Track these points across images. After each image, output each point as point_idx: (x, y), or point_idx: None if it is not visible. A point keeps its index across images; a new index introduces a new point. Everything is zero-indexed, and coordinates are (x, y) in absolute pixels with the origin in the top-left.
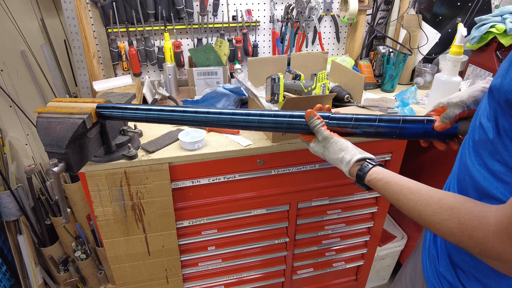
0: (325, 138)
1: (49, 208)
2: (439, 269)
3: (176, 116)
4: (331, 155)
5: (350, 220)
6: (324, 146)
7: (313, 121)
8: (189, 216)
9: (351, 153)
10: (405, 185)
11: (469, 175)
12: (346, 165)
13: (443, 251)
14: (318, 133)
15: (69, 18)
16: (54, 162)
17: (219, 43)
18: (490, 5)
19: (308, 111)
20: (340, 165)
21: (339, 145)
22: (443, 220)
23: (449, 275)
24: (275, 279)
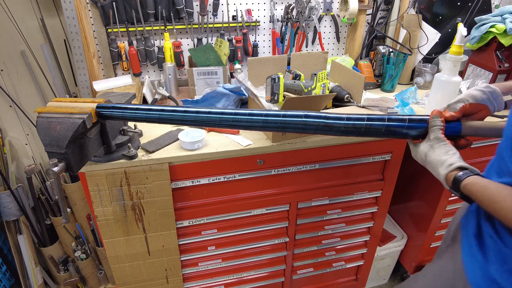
0: (437, 138)
1: (49, 208)
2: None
3: (177, 116)
4: (435, 155)
5: (350, 220)
6: (431, 146)
7: (435, 121)
8: (189, 216)
9: (456, 159)
10: (503, 187)
11: None
12: (447, 167)
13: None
14: (433, 133)
15: (69, 18)
16: (54, 162)
17: (219, 43)
18: (490, 5)
19: (436, 111)
20: (440, 167)
21: (448, 149)
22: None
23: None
24: (275, 279)
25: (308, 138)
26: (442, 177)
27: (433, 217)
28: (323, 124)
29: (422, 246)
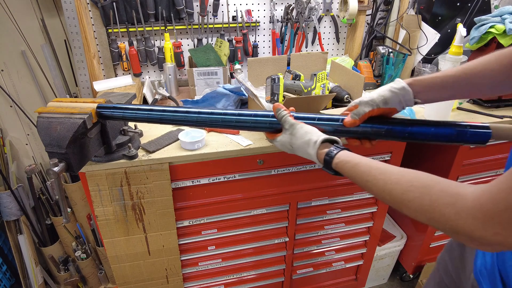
0: (292, 125)
1: (50, 208)
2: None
3: (178, 116)
4: (298, 140)
5: (349, 219)
6: (291, 133)
7: (281, 112)
8: (189, 216)
9: (317, 134)
10: (374, 166)
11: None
12: (313, 146)
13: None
14: (286, 122)
15: (70, 18)
16: (54, 162)
17: (219, 43)
18: (489, 5)
19: (276, 104)
20: (308, 148)
21: (305, 129)
22: (414, 197)
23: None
24: (274, 279)
25: None
26: (314, 157)
27: None
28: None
29: (422, 246)
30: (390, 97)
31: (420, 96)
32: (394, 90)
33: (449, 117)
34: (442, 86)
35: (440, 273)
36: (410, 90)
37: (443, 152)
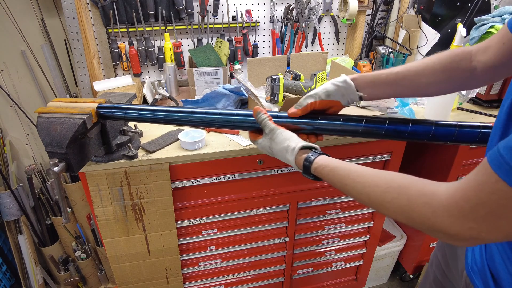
0: (271, 130)
1: (50, 208)
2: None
3: (182, 116)
4: (277, 145)
5: (349, 219)
6: (271, 138)
7: (260, 115)
8: (189, 216)
9: (296, 141)
10: (352, 169)
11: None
12: (292, 153)
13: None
14: (265, 126)
15: (70, 18)
16: (54, 162)
17: (219, 44)
18: (489, 6)
19: (256, 108)
20: (286, 154)
21: (284, 135)
22: (393, 198)
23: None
24: (274, 279)
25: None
26: (293, 163)
27: None
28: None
29: (422, 246)
30: (333, 90)
31: (364, 91)
32: (337, 83)
33: (449, 117)
34: (385, 82)
35: (434, 270)
36: (352, 84)
37: (443, 152)
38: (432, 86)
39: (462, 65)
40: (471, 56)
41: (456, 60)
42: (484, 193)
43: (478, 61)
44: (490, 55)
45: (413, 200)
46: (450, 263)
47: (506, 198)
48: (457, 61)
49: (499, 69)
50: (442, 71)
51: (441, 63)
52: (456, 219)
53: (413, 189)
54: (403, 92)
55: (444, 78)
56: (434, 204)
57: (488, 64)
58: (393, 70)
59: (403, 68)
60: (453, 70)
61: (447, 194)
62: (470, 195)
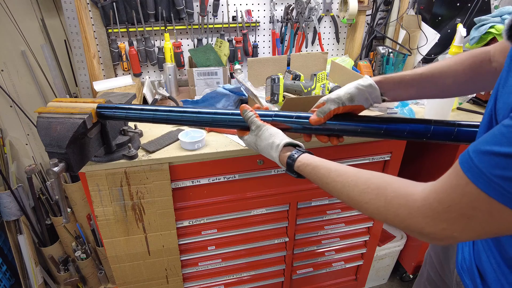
0: (258, 127)
1: (49, 208)
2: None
3: (186, 116)
4: (263, 142)
5: (349, 220)
6: (256, 135)
7: (247, 113)
8: (189, 216)
9: (280, 138)
10: (333, 168)
11: None
12: (276, 149)
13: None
14: (252, 123)
15: (70, 18)
16: (54, 162)
17: (219, 44)
18: (489, 6)
19: (242, 106)
20: (271, 151)
21: (270, 131)
22: (370, 199)
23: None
24: (274, 279)
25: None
26: (277, 160)
27: None
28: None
29: (422, 246)
30: (357, 95)
31: (388, 94)
32: (361, 87)
33: (449, 117)
34: (410, 84)
35: (427, 269)
36: (377, 88)
37: (443, 152)
38: (455, 87)
39: (484, 66)
40: (490, 57)
41: (478, 61)
42: (455, 195)
43: (497, 61)
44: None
45: (389, 201)
46: (443, 262)
47: (476, 200)
48: (478, 62)
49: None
50: (465, 72)
51: (464, 64)
52: (430, 220)
53: (389, 190)
54: (426, 93)
55: (467, 80)
56: (410, 206)
57: None
58: (417, 71)
59: (427, 70)
60: (475, 71)
61: (422, 195)
62: (443, 197)
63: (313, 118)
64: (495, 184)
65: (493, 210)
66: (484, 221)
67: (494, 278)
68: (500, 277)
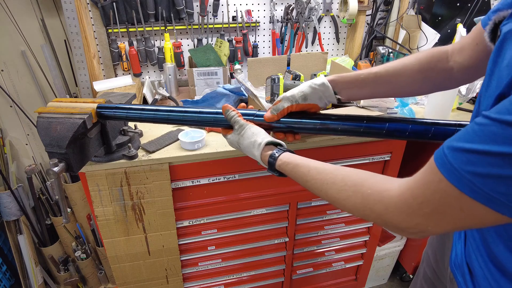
0: (241, 126)
1: (50, 208)
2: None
3: (185, 116)
4: (245, 140)
5: (349, 220)
6: (239, 134)
7: (229, 113)
8: (189, 216)
9: (262, 136)
10: (312, 166)
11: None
12: (258, 148)
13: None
14: (235, 122)
15: (70, 18)
16: (54, 162)
17: (219, 44)
18: (489, 6)
19: (224, 105)
20: (253, 149)
21: (252, 130)
22: (348, 196)
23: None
24: (274, 279)
25: (308, 138)
26: (259, 158)
27: None
28: None
29: (421, 246)
30: (310, 93)
31: (342, 93)
32: (314, 86)
33: (449, 117)
34: (364, 83)
35: (424, 267)
36: (329, 86)
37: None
38: (410, 86)
39: (440, 65)
40: (448, 56)
41: (434, 60)
42: (429, 192)
43: (454, 61)
44: (465, 56)
45: (366, 197)
46: (439, 260)
47: (448, 196)
48: (435, 61)
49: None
50: (420, 71)
51: (419, 63)
52: (405, 216)
53: (366, 186)
54: (381, 92)
55: (422, 78)
56: (386, 202)
57: (464, 65)
58: (372, 70)
59: (381, 69)
60: (431, 70)
61: (398, 191)
62: (417, 193)
63: (267, 116)
64: (467, 180)
65: (464, 205)
66: (456, 216)
67: (481, 274)
68: (487, 274)
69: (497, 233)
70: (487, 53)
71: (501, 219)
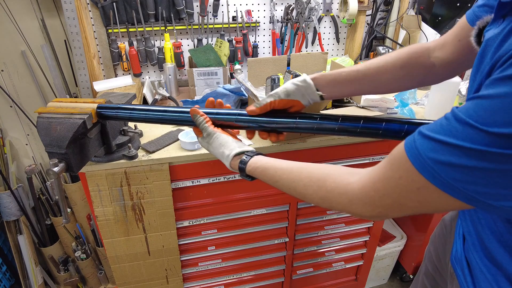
0: (208, 134)
1: (49, 208)
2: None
3: (180, 116)
4: (214, 150)
5: (349, 220)
6: (208, 142)
7: (197, 118)
8: (189, 216)
9: (230, 147)
10: (279, 167)
11: None
12: (226, 159)
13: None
14: (203, 130)
15: (70, 19)
16: (54, 162)
17: (219, 44)
18: None
19: (192, 109)
20: (222, 159)
21: (220, 140)
22: (314, 191)
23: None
24: (274, 279)
25: (308, 138)
26: (229, 168)
27: (433, 217)
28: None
29: (422, 246)
30: (292, 90)
31: (325, 91)
32: (297, 83)
33: None
34: (346, 80)
35: (426, 263)
36: (311, 84)
37: None
38: (392, 82)
39: (421, 61)
40: (429, 52)
41: (415, 56)
42: (390, 186)
43: (435, 57)
44: (447, 52)
45: (330, 191)
46: (440, 256)
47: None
48: (415, 57)
49: (457, 65)
50: (402, 67)
51: (401, 59)
52: (368, 206)
53: (329, 181)
54: (364, 90)
55: (403, 75)
56: (349, 194)
57: (445, 61)
58: (354, 68)
59: (363, 66)
60: (412, 66)
61: (360, 184)
62: (378, 186)
63: (249, 109)
64: (429, 166)
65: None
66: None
67: (478, 269)
68: (483, 268)
69: (491, 230)
70: (470, 49)
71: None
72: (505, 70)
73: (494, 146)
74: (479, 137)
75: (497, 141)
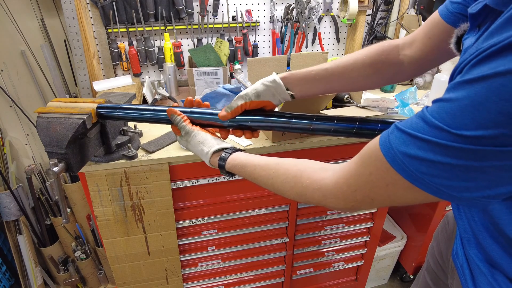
0: (187, 133)
1: (49, 208)
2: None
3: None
4: (193, 148)
5: (349, 220)
6: (186, 141)
7: (174, 118)
8: (189, 216)
9: (209, 145)
10: (257, 164)
11: None
12: (206, 156)
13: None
14: (181, 129)
15: (69, 18)
16: (54, 162)
17: (219, 43)
18: None
19: (168, 110)
20: (202, 157)
21: (198, 138)
22: (291, 187)
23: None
24: (274, 279)
25: (308, 138)
26: (209, 165)
27: (433, 218)
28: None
29: (422, 246)
30: (263, 90)
31: (295, 90)
32: (266, 83)
33: None
34: (315, 79)
35: (428, 259)
36: (281, 84)
37: None
38: (360, 80)
39: (390, 58)
40: (398, 49)
41: (384, 54)
42: (361, 182)
43: (404, 54)
44: (416, 49)
45: (306, 187)
46: (442, 252)
47: (377, 186)
48: (385, 55)
49: (426, 61)
50: (370, 65)
51: (369, 57)
52: (342, 201)
53: (305, 177)
54: (334, 88)
55: (372, 72)
56: (323, 190)
57: (414, 58)
58: (323, 66)
59: (332, 64)
60: (381, 63)
61: (333, 180)
62: (351, 182)
63: (221, 114)
64: (399, 159)
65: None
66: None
67: (475, 264)
68: (479, 264)
69: (484, 226)
70: (441, 46)
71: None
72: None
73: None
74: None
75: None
